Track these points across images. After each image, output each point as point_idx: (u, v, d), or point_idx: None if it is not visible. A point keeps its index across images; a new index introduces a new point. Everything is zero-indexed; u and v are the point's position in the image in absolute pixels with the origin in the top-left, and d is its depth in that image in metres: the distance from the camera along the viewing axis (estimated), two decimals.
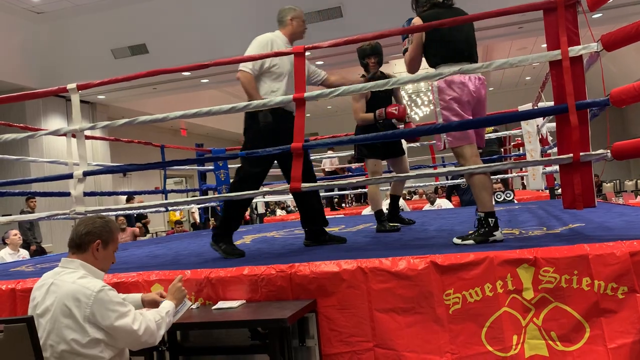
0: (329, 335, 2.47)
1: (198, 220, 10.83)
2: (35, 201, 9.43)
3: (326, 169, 10.32)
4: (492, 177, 8.01)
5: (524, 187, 10.37)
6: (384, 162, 4.48)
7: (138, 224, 9.49)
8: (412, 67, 3.12)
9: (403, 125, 4.20)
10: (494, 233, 2.81)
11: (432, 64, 3.05)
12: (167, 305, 2.28)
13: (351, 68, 15.25)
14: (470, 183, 2.94)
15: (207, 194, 7.58)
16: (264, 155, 3.22)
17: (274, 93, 3.42)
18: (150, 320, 2.11)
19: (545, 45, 2.76)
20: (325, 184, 3.72)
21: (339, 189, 8.87)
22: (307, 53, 3.14)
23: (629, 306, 2.15)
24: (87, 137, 5.03)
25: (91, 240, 2.15)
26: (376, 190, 4.37)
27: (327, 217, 3.75)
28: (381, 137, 3.25)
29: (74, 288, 2.03)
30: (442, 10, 3.04)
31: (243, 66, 3.42)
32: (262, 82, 3.47)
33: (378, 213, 4.21)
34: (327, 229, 3.70)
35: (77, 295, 2.01)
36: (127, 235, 8.38)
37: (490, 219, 2.82)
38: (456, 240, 2.87)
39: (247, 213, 12.32)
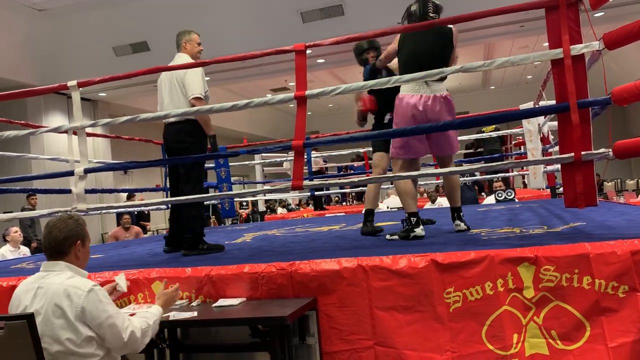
0: (329, 333, 2.47)
1: None
2: (36, 198, 9.42)
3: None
4: (493, 175, 8.00)
5: (525, 185, 10.37)
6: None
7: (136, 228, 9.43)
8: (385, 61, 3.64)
9: None
10: (415, 230, 3.22)
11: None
12: (155, 311, 2.27)
13: (352, 67, 15.26)
14: (396, 189, 3.41)
15: (207, 192, 7.56)
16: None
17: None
18: (136, 327, 2.11)
19: (547, 43, 2.75)
20: (327, 182, 3.72)
21: (327, 189, 8.83)
22: (308, 51, 3.14)
23: (630, 305, 2.15)
24: (88, 135, 5.01)
25: (71, 244, 2.15)
26: (374, 188, 4.08)
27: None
28: (377, 136, 3.28)
29: (64, 288, 2.02)
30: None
31: (199, 94, 3.53)
32: None
33: (368, 212, 3.94)
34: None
35: (68, 294, 2.01)
36: (130, 234, 8.37)
37: (412, 218, 3.26)
38: (387, 236, 3.32)
39: (247, 212, 12.44)
